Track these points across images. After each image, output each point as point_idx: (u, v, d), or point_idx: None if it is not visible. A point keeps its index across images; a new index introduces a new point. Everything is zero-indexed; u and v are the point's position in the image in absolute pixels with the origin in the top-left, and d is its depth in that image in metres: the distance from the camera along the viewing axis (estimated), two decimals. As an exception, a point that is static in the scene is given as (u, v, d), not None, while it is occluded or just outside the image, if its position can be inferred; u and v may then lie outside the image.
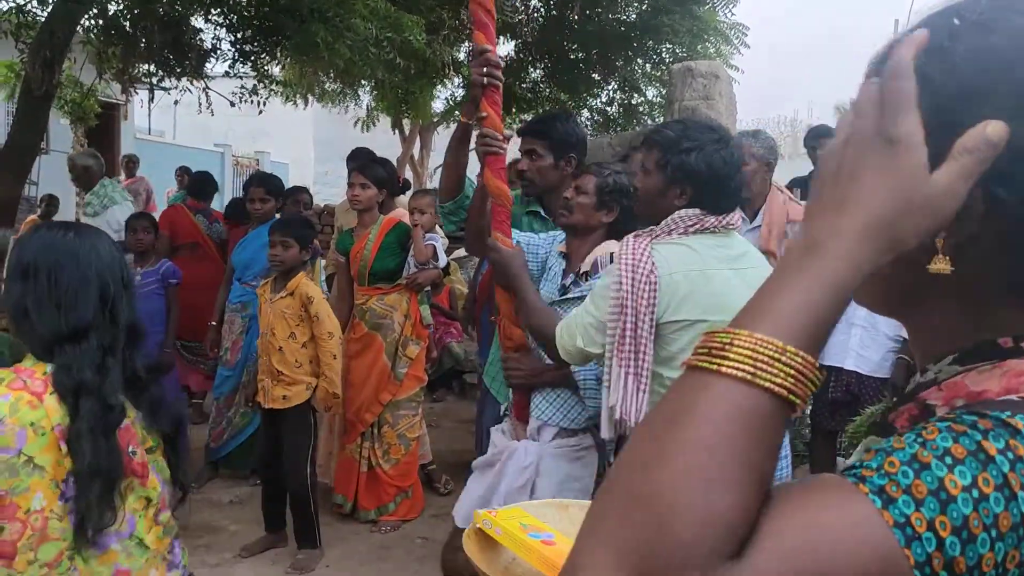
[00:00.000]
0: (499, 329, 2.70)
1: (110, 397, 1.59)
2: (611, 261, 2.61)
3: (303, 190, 6.34)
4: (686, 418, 0.58)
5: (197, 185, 6.53)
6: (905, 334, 3.88)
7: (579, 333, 2.23)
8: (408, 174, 13.79)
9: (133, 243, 5.00)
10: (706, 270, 2.17)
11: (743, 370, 0.58)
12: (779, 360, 0.59)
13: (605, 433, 2.25)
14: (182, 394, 5.35)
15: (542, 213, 3.18)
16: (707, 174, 2.20)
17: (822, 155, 0.67)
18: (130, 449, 1.64)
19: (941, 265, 0.66)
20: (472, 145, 2.85)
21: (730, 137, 2.38)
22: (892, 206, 0.61)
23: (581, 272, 2.62)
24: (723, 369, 0.59)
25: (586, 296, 2.49)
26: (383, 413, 4.39)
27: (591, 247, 2.65)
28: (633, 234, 2.28)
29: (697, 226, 2.20)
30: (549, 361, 2.55)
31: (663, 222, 2.23)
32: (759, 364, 0.58)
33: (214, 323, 4.98)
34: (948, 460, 0.56)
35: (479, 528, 1.34)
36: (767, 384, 0.58)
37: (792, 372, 0.59)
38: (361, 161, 4.71)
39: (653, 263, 2.14)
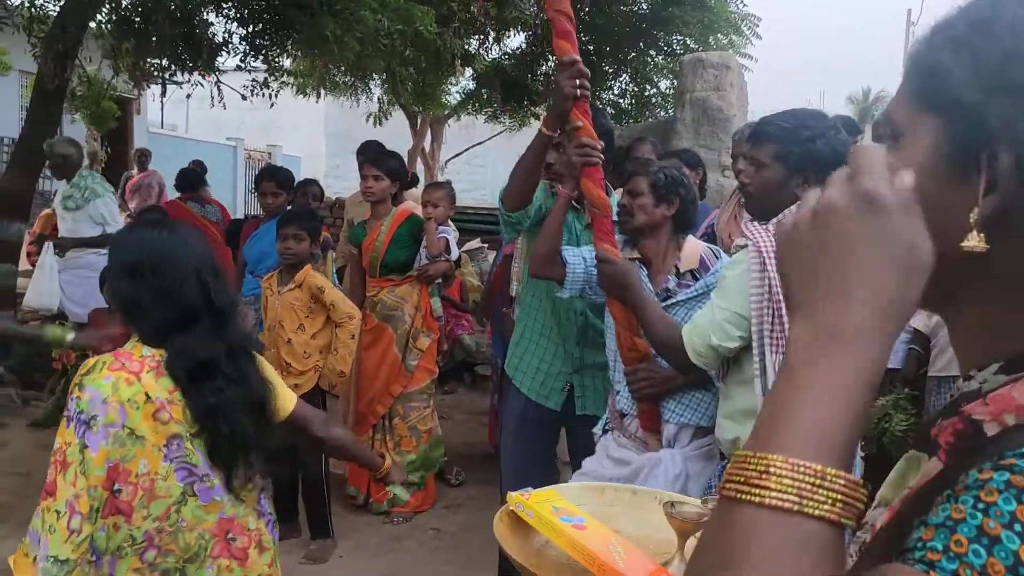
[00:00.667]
0: (618, 342, 2.61)
1: (226, 369, 1.87)
2: (715, 256, 2.62)
3: (313, 183, 6.39)
4: (743, 563, 0.54)
5: (181, 180, 7.21)
6: (915, 324, 3.88)
7: (711, 331, 2.19)
8: (419, 167, 13.79)
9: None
10: None
11: (787, 499, 0.55)
12: (822, 486, 0.55)
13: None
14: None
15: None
16: (831, 159, 2.16)
17: (784, 232, 0.64)
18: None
19: (975, 242, 0.62)
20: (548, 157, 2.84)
21: (838, 123, 2.36)
22: (900, 279, 0.58)
23: (684, 272, 2.58)
24: (767, 501, 0.55)
25: (698, 297, 2.48)
26: (394, 405, 4.40)
27: (666, 245, 2.62)
28: (753, 223, 2.26)
29: None
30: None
31: (788, 210, 2.17)
32: (803, 492, 0.55)
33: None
34: (1018, 528, 0.53)
35: (511, 510, 1.34)
36: (816, 513, 0.55)
37: (839, 497, 0.55)
38: (372, 153, 4.72)
39: None
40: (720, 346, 2.20)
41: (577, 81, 2.49)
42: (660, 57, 11.33)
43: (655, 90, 11.89)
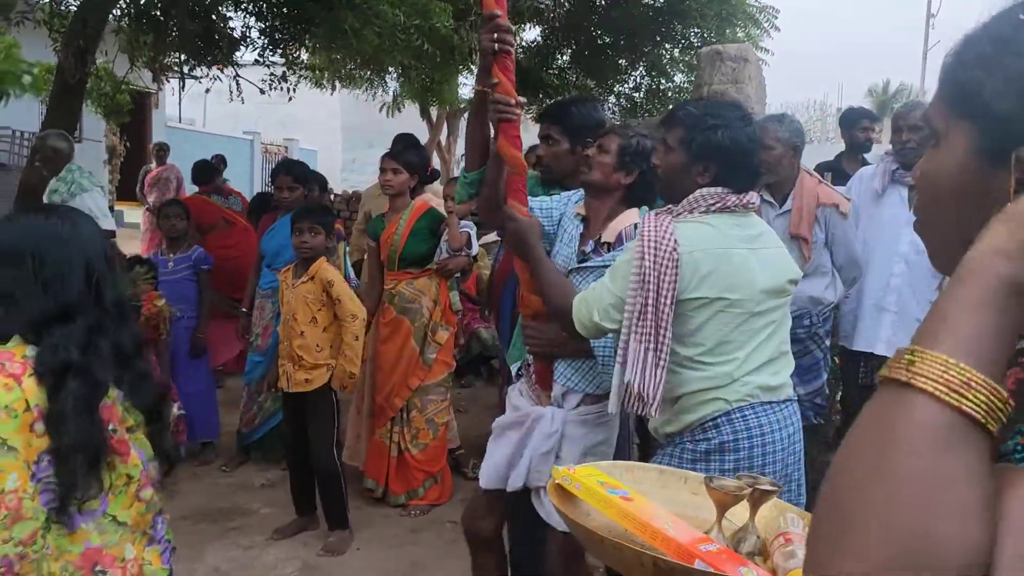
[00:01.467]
0: (518, 297, 2.66)
1: (99, 374, 1.64)
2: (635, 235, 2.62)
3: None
4: (890, 438, 0.61)
5: (197, 174, 7.42)
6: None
7: (595, 308, 2.23)
8: (435, 161, 13.80)
9: (167, 229, 5.08)
10: (728, 249, 2.17)
11: (938, 389, 0.61)
12: (969, 385, 0.61)
13: (612, 408, 2.26)
14: (211, 378, 5.40)
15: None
16: (733, 151, 2.20)
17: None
18: (111, 427, 1.68)
19: None
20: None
21: (752, 116, 2.37)
22: None
23: (603, 242, 2.58)
24: (918, 384, 0.62)
25: (606, 267, 2.48)
26: (412, 398, 4.42)
27: (610, 211, 2.61)
28: (654, 212, 2.28)
29: (719, 205, 2.20)
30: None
31: (685, 200, 2.22)
32: (952, 386, 0.61)
33: (245, 309, 5.06)
34: None
35: (558, 484, 1.38)
36: (962, 406, 0.61)
37: (983, 399, 0.61)
38: (393, 147, 4.73)
39: (675, 240, 2.13)
40: (600, 324, 2.24)
41: (495, 35, 2.47)
42: (676, 50, 11.27)
43: (670, 84, 11.83)
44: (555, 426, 2.56)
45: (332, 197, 10.69)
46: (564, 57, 11.57)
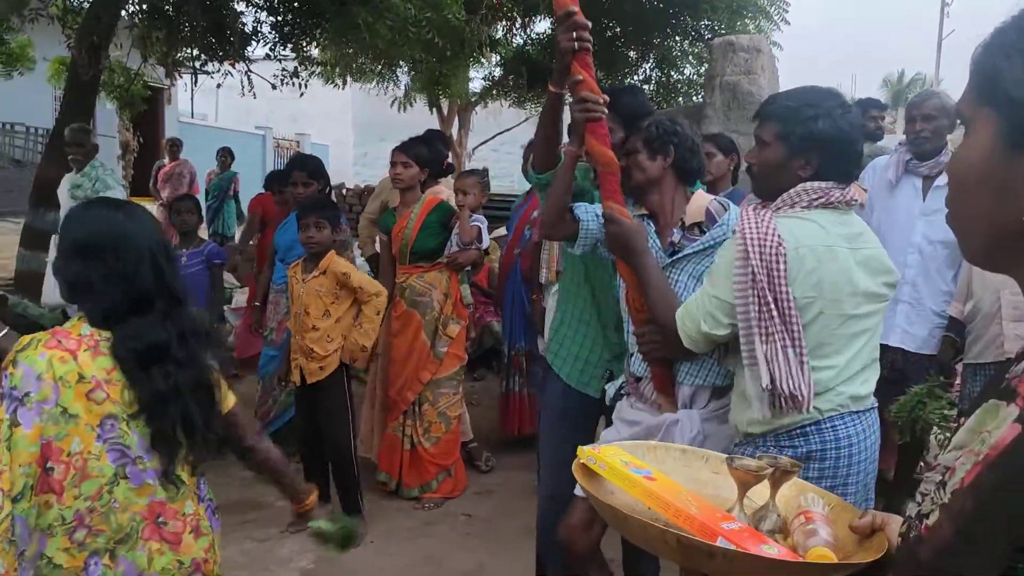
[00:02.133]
0: (627, 302, 2.54)
1: (193, 358, 1.86)
2: (724, 209, 2.52)
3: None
4: None
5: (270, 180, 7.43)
6: (951, 312, 3.83)
7: (701, 318, 2.15)
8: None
9: (179, 224, 5.10)
10: (832, 247, 2.08)
11: None
12: None
13: (758, 413, 2.12)
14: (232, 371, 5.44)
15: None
16: (836, 140, 2.11)
17: None
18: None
19: None
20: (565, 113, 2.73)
21: (850, 103, 2.27)
22: None
23: (690, 224, 2.49)
24: None
25: (704, 249, 2.42)
26: (424, 391, 4.43)
27: (672, 198, 2.54)
28: (751, 206, 2.19)
29: (822, 200, 2.11)
30: None
31: (786, 194, 2.14)
32: None
33: (258, 303, 5.09)
34: None
35: (583, 463, 1.41)
36: None
37: None
38: (404, 140, 4.73)
39: (779, 235, 2.05)
40: (710, 333, 2.15)
41: (574, 34, 2.38)
42: (686, 42, 11.23)
43: (681, 76, 11.78)
44: (695, 429, 2.43)
45: (344, 192, 10.73)
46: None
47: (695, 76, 11.42)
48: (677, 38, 11.14)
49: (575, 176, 2.71)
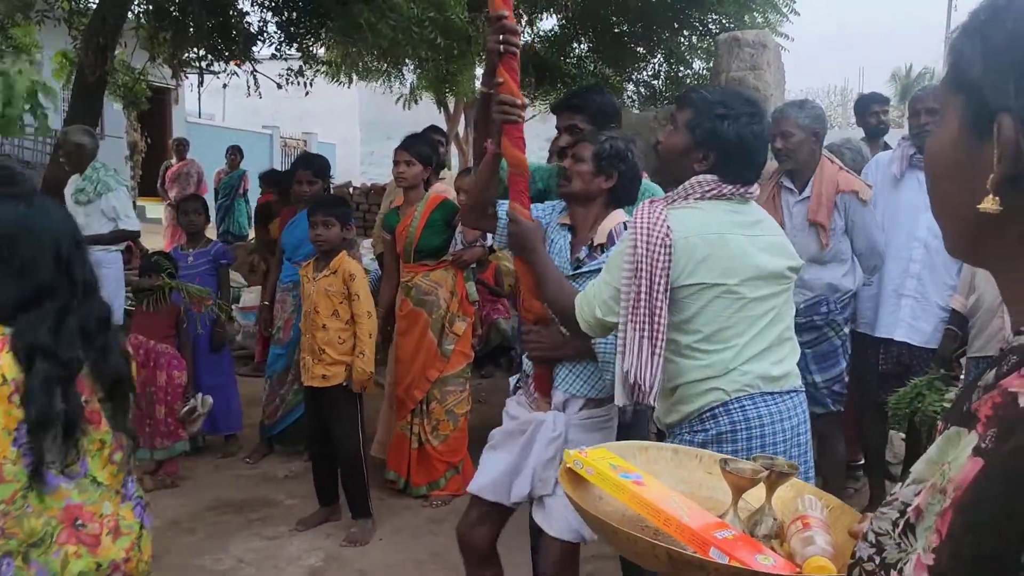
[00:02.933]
0: (519, 301, 2.64)
1: (66, 353, 1.76)
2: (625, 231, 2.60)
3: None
4: None
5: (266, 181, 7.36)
6: (953, 304, 3.81)
7: (597, 304, 2.21)
8: (453, 152, 13.81)
9: (186, 224, 5.12)
10: (724, 234, 2.15)
11: None
12: None
13: (619, 400, 2.23)
14: (233, 371, 5.44)
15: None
16: (735, 145, 2.17)
17: None
18: (83, 399, 1.81)
19: (988, 204, 0.70)
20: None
21: (765, 114, 2.33)
22: None
23: (596, 245, 2.56)
24: None
25: (597, 270, 2.46)
26: (431, 389, 4.44)
27: (596, 217, 2.59)
28: (648, 200, 2.25)
29: (714, 191, 2.18)
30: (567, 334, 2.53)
31: (680, 187, 2.21)
32: None
33: (266, 303, 5.11)
34: None
35: (569, 468, 1.37)
36: None
37: None
38: (405, 139, 4.73)
39: (668, 226, 2.11)
40: (604, 320, 2.21)
41: (501, 37, 2.45)
42: (694, 37, 11.20)
43: (689, 71, 11.75)
44: (558, 430, 2.53)
45: (351, 190, 10.74)
46: (581, 46, 11.52)
47: (704, 71, 11.38)
48: (685, 33, 11.12)
49: (535, 177, 2.78)
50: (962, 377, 3.71)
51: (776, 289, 2.20)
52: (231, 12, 7.90)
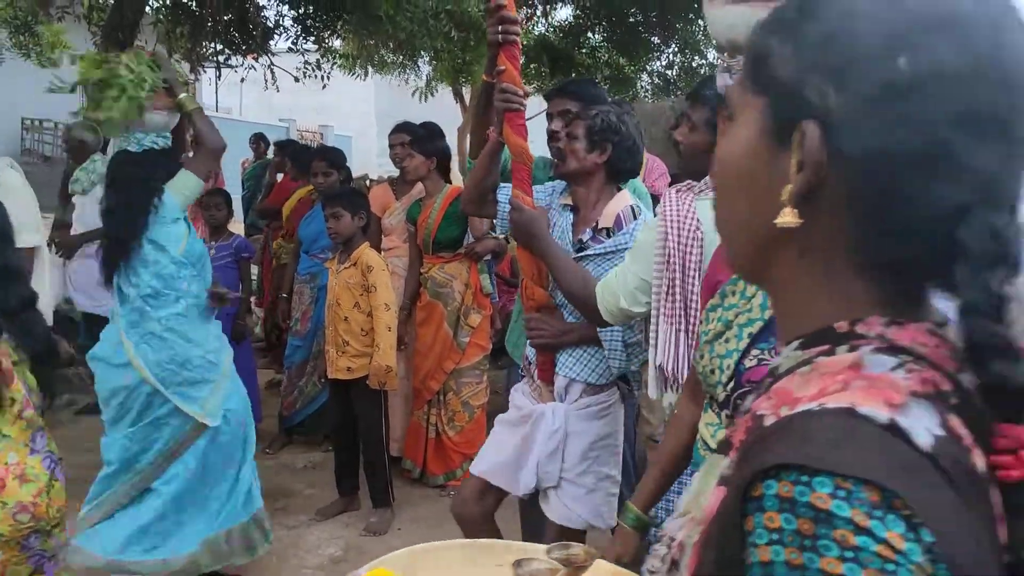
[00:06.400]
0: (521, 289, 2.63)
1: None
2: (633, 215, 2.56)
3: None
4: None
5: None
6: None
7: (622, 294, 2.19)
8: (467, 144, 13.81)
9: (208, 218, 5.17)
10: None
11: None
12: None
13: (653, 393, 2.21)
14: (253, 363, 5.48)
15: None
16: None
17: None
18: None
19: (788, 217, 0.63)
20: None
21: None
22: None
23: (600, 228, 2.54)
24: None
25: (608, 254, 2.46)
26: (448, 381, 4.47)
27: (597, 195, 2.58)
28: (674, 188, 2.24)
29: None
30: (570, 319, 2.52)
31: (707, 178, 2.19)
32: None
33: (284, 295, 5.16)
34: (807, 542, 0.52)
35: None
36: None
37: None
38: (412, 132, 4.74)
39: (698, 219, 2.10)
40: (628, 310, 2.20)
41: (501, 27, 2.46)
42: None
43: (704, 61, 11.72)
44: (557, 423, 2.52)
45: (368, 182, 10.75)
46: (596, 36, 11.50)
47: (718, 61, 11.33)
48: (700, 22, 11.06)
49: (533, 169, 2.76)
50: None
51: None
52: (248, 6, 7.94)
